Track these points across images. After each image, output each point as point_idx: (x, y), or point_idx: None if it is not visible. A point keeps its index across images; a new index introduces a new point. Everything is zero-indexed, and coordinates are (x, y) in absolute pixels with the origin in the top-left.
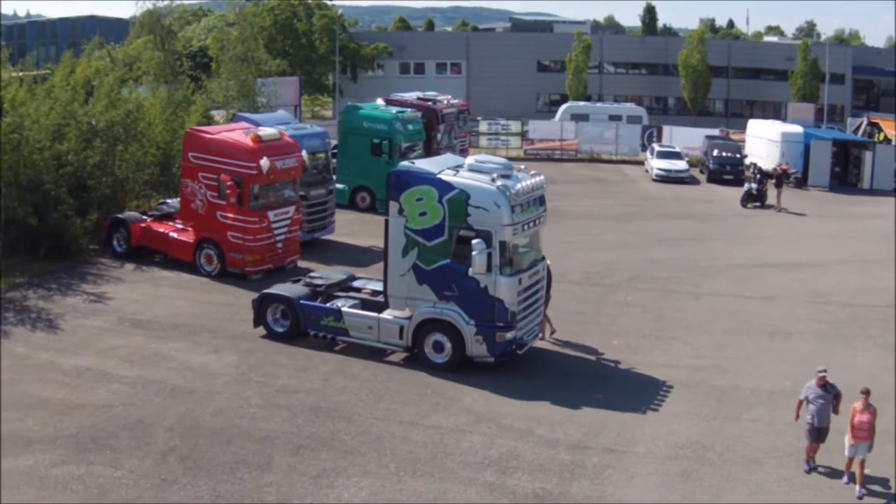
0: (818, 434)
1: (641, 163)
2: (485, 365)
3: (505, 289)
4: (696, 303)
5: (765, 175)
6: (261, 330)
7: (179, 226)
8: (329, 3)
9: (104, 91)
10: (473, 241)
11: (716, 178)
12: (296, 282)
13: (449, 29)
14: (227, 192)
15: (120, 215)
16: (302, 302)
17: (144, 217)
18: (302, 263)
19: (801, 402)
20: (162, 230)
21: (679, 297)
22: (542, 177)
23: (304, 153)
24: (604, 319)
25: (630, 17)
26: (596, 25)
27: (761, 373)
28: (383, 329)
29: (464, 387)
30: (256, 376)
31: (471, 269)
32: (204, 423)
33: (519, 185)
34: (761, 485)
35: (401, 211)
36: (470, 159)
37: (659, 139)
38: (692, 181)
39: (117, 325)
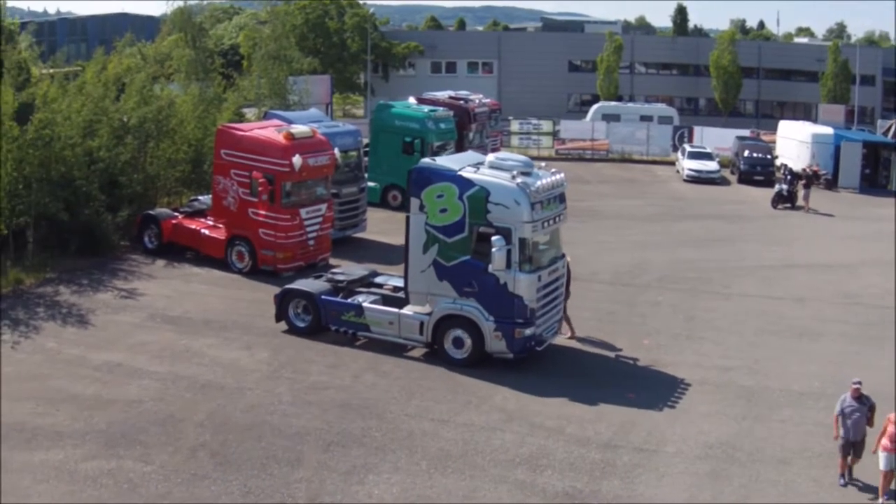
0: (852, 448)
1: (672, 163)
2: (515, 363)
3: (524, 285)
4: (726, 303)
5: (795, 176)
6: (294, 330)
7: (211, 222)
8: (361, 1)
9: (136, 88)
10: (493, 238)
11: (746, 178)
12: (318, 277)
13: (480, 28)
14: (260, 189)
15: (151, 212)
16: (323, 297)
17: (176, 214)
18: (333, 261)
19: (837, 418)
20: (193, 227)
21: (709, 298)
22: (562, 175)
23: (336, 151)
24: (634, 319)
25: (661, 18)
26: (627, 26)
27: (790, 373)
28: (404, 325)
29: (495, 385)
30: (287, 373)
31: (490, 266)
32: (234, 418)
33: (539, 183)
34: (790, 485)
35: (422, 207)
36: (490, 157)
37: (690, 140)
38: (723, 182)
39: (148, 321)
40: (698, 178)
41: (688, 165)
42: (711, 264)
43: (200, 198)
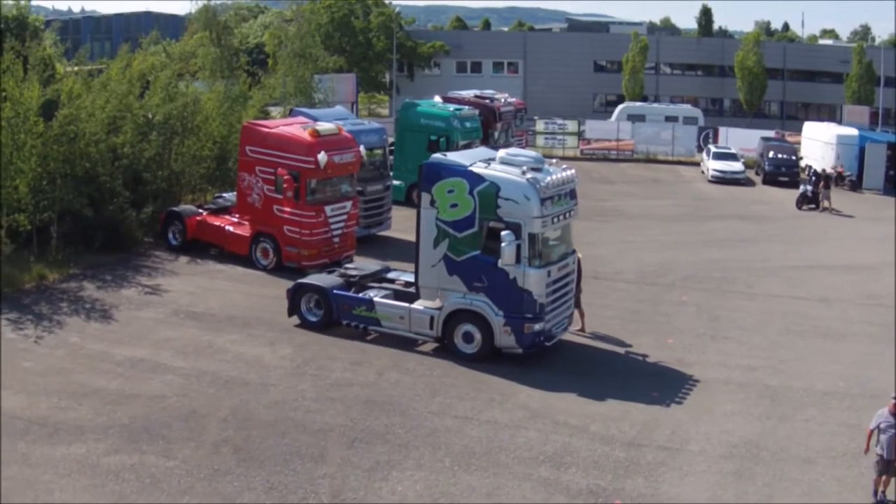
0: (887, 466)
1: (697, 164)
2: (539, 361)
3: (534, 280)
4: (751, 303)
5: (819, 177)
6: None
7: (235, 219)
8: (386, 1)
9: (161, 85)
10: (503, 233)
11: (771, 179)
12: (330, 272)
13: (505, 29)
14: (285, 186)
15: (175, 208)
16: (335, 291)
17: (200, 210)
18: (358, 259)
19: (871, 433)
20: (218, 224)
21: (734, 298)
22: (573, 171)
23: (361, 148)
24: (659, 318)
25: (685, 19)
26: (652, 27)
27: (814, 373)
28: (414, 319)
29: (518, 383)
30: (311, 369)
31: (500, 261)
32: (258, 414)
33: (549, 179)
34: (814, 485)
35: (432, 202)
36: (501, 152)
37: (715, 140)
38: (748, 183)
39: (171, 317)
40: (723, 179)
41: (713, 166)
42: (736, 264)
43: (225, 195)
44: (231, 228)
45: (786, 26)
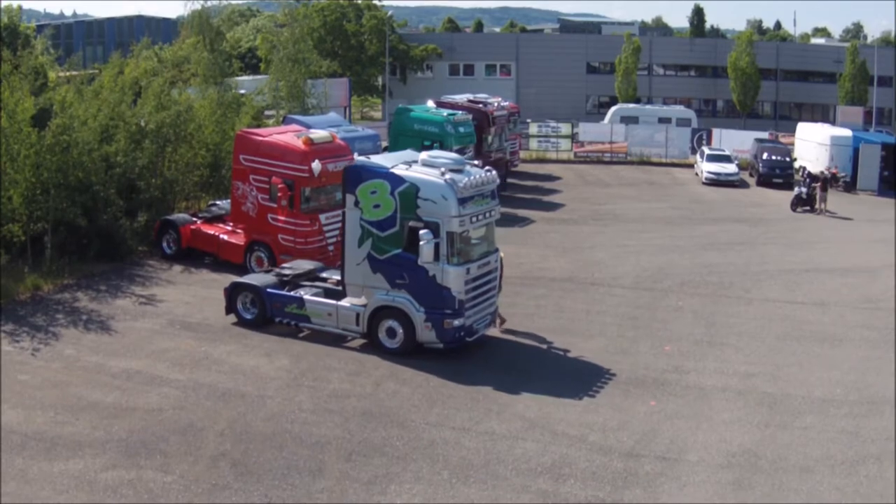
0: None
1: (691, 166)
2: (537, 371)
3: (452, 277)
4: (748, 308)
5: (813, 178)
6: (314, 336)
7: (230, 228)
8: (378, 3)
9: (154, 92)
10: (421, 232)
11: (766, 181)
12: (268, 272)
13: (497, 30)
14: (279, 194)
15: (170, 217)
16: (268, 290)
17: (194, 219)
18: None
19: None
20: (212, 232)
21: (730, 303)
22: (493, 172)
23: (355, 156)
24: (656, 325)
25: (677, 19)
26: (644, 27)
27: (813, 380)
28: (341, 316)
29: (516, 393)
30: (308, 380)
31: (419, 259)
32: (255, 427)
33: (467, 179)
34: (813, 494)
35: (356, 203)
36: (423, 155)
37: (709, 142)
38: (742, 184)
39: (167, 328)
40: (717, 181)
41: (707, 168)
42: (732, 268)
43: (219, 202)
44: (225, 237)
45: (778, 25)
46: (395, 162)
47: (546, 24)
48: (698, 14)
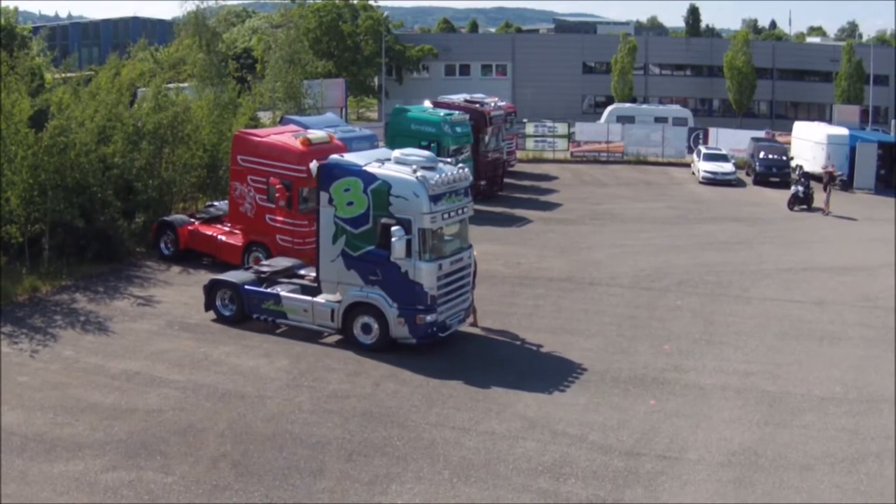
0: None
1: (688, 165)
2: (538, 370)
3: (424, 273)
4: (746, 307)
5: (809, 177)
6: (313, 336)
7: (228, 229)
8: (373, 4)
9: (151, 93)
10: (393, 228)
11: (762, 180)
12: (247, 269)
13: (492, 30)
14: (277, 195)
15: (167, 218)
16: (246, 287)
17: (192, 220)
18: None
19: None
20: (210, 233)
21: (729, 302)
22: (466, 170)
23: None
24: (654, 324)
25: (673, 18)
26: (639, 26)
27: (812, 378)
28: (317, 312)
29: (517, 392)
30: (307, 381)
31: (391, 255)
32: (255, 428)
33: (438, 177)
34: (813, 492)
35: (330, 201)
36: (396, 152)
37: (705, 141)
38: (739, 183)
39: (166, 329)
40: (714, 180)
41: (703, 167)
42: (730, 267)
43: (217, 203)
44: (223, 238)
45: (773, 24)
46: (368, 160)
47: (542, 25)
48: (694, 14)
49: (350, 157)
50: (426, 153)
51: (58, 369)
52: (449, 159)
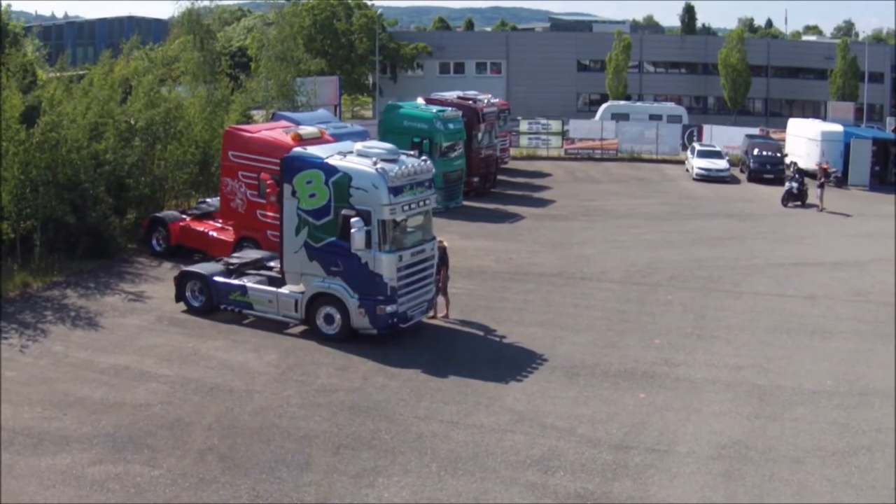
0: None
1: (682, 162)
2: (527, 364)
3: (384, 265)
4: (738, 302)
5: (803, 174)
6: (302, 331)
7: (219, 225)
8: (368, 2)
9: (143, 90)
10: (352, 220)
11: (756, 177)
12: (217, 261)
13: (488, 29)
14: (268, 190)
15: (159, 214)
16: (214, 278)
17: (183, 216)
18: None
19: None
20: (201, 229)
21: (720, 296)
22: (429, 162)
23: None
24: (645, 318)
25: (668, 17)
26: (635, 25)
27: (803, 372)
28: (281, 303)
29: (505, 385)
30: (296, 375)
31: (351, 246)
32: (243, 421)
33: (398, 169)
34: (804, 485)
35: (293, 193)
36: (359, 145)
37: (699, 138)
38: (733, 180)
39: (155, 324)
40: (708, 177)
41: (697, 164)
42: (722, 263)
43: (208, 200)
44: (215, 234)
45: (769, 23)
46: (330, 152)
47: (537, 24)
48: (689, 12)
49: (313, 150)
50: (388, 146)
51: (47, 364)
52: (412, 152)
